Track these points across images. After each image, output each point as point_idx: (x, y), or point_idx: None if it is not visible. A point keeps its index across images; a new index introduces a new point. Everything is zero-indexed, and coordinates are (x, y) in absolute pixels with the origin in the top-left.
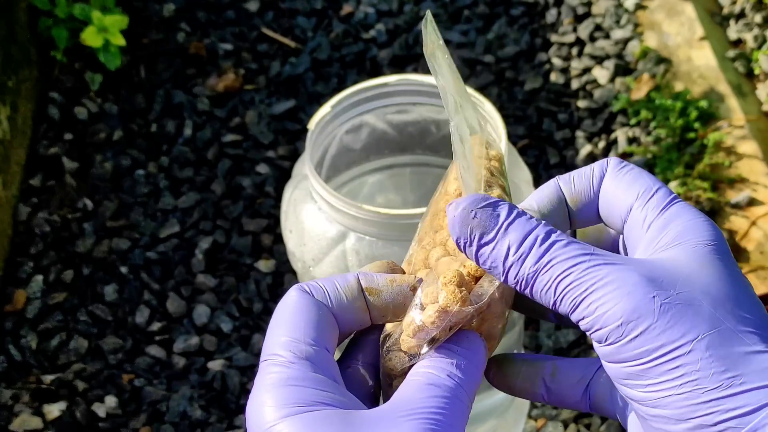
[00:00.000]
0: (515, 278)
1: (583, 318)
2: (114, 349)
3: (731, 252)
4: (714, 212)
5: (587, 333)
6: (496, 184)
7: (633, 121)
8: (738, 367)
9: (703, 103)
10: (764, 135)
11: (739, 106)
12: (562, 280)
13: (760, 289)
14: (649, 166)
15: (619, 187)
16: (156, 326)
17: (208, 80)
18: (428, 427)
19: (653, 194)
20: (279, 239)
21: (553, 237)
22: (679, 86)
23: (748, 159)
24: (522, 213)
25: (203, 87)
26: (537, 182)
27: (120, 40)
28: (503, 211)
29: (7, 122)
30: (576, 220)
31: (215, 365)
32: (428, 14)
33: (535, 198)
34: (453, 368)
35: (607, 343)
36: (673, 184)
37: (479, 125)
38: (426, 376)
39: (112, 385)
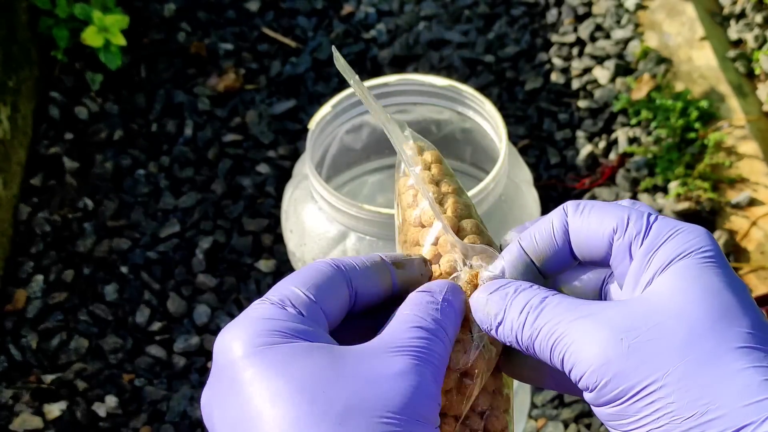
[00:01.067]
0: (524, 347)
1: (570, 371)
2: (114, 348)
3: (723, 254)
4: (714, 212)
5: (576, 383)
6: (448, 193)
7: (633, 121)
8: (713, 391)
9: (704, 104)
10: (765, 135)
11: (740, 106)
12: (549, 339)
13: (760, 289)
14: (649, 166)
15: (590, 227)
16: (156, 326)
17: (209, 80)
18: (414, 362)
19: (627, 222)
20: (279, 239)
21: (546, 301)
22: (679, 86)
23: (748, 159)
24: (525, 286)
25: (204, 87)
26: (537, 182)
27: (120, 40)
28: (510, 289)
29: (7, 122)
30: (548, 274)
31: None
32: (334, 50)
33: (505, 266)
34: (436, 313)
35: (588, 390)
36: (674, 184)
37: (403, 130)
38: (412, 318)
39: (112, 384)
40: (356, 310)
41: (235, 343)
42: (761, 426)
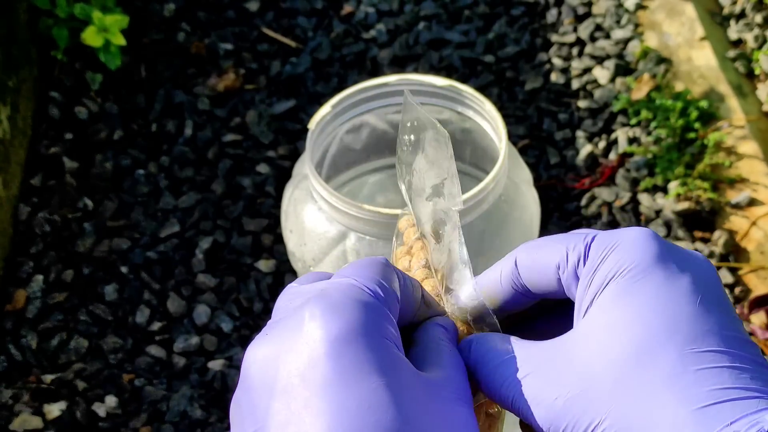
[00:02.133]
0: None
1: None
2: (114, 348)
3: (662, 254)
4: (714, 212)
5: None
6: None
7: (633, 121)
8: (646, 428)
9: (704, 103)
10: (764, 135)
11: (740, 106)
12: (508, 403)
13: (760, 289)
14: (649, 166)
15: (537, 266)
16: (156, 326)
17: (209, 80)
18: (470, 412)
19: (567, 252)
20: (279, 239)
21: (489, 359)
22: (679, 86)
23: (748, 159)
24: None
25: (204, 87)
26: (537, 182)
27: (120, 40)
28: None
29: (7, 122)
30: (509, 311)
31: (215, 365)
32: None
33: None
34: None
35: None
36: (674, 184)
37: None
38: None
39: (112, 384)
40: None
41: (328, 324)
42: None
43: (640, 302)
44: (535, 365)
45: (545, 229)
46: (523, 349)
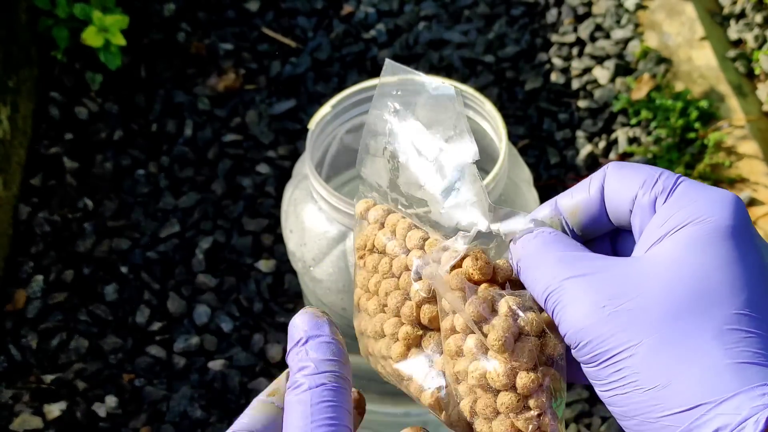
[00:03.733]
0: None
1: (558, 325)
2: (114, 348)
3: (746, 224)
4: None
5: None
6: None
7: (633, 121)
8: (678, 368)
9: (704, 103)
10: (764, 135)
11: (740, 106)
12: (545, 293)
13: None
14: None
15: (622, 182)
16: (156, 326)
17: (209, 80)
18: None
19: (657, 179)
20: (279, 239)
21: (549, 249)
22: (679, 86)
23: (748, 159)
24: (544, 232)
25: (204, 87)
26: (537, 182)
27: (120, 40)
28: (530, 236)
29: (7, 122)
30: (584, 232)
31: (215, 365)
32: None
33: (536, 220)
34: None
35: (572, 348)
36: None
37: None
38: None
39: (112, 384)
40: None
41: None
42: (717, 407)
43: (714, 253)
44: (593, 270)
45: None
46: (584, 253)
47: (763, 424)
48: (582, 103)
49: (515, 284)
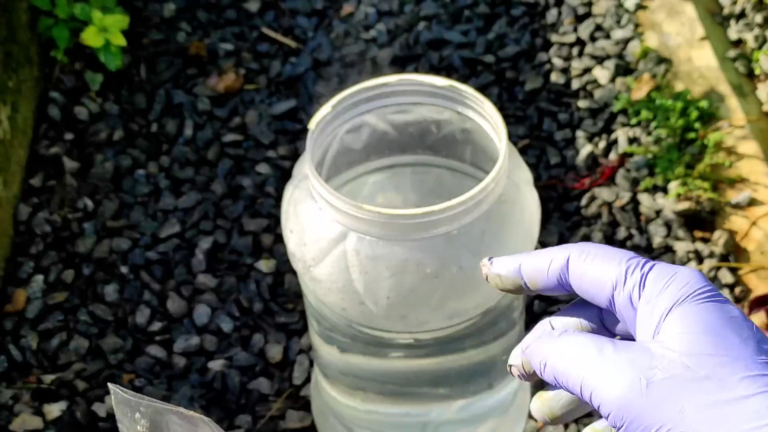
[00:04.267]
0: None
1: (598, 408)
2: (114, 349)
3: (716, 290)
4: (714, 212)
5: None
6: None
7: (633, 121)
8: (724, 420)
9: (704, 104)
10: (765, 135)
11: (740, 107)
12: (578, 379)
13: (760, 289)
14: (649, 166)
15: (591, 280)
16: (156, 326)
17: (209, 80)
18: None
19: (626, 277)
20: (279, 239)
21: (566, 339)
22: (679, 86)
23: (748, 159)
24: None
25: (204, 87)
26: (537, 182)
27: (120, 40)
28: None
29: (7, 122)
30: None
31: (216, 365)
32: None
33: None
34: None
35: (616, 428)
36: (674, 184)
37: None
38: None
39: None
40: None
41: None
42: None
43: (714, 317)
44: (620, 349)
45: (545, 229)
46: (602, 337)
47: None
48: (582, 103)
49: None
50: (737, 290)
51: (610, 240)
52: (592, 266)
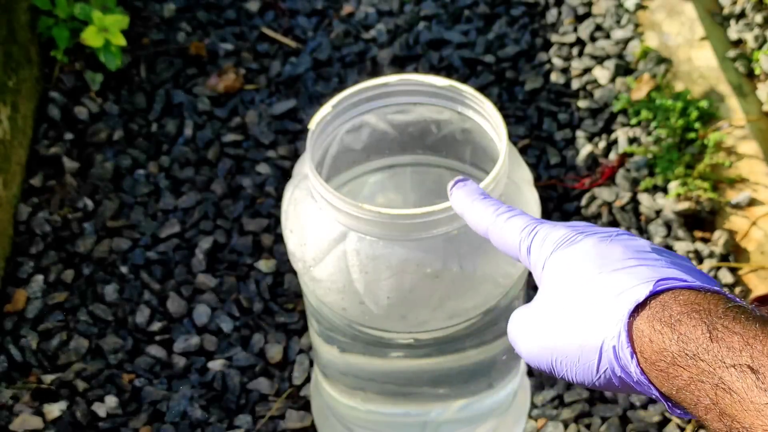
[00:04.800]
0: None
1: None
2: (114, 349)
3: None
4: (714, 212)
5: None
6: None
7: (633, 121)
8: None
9: (704, 104)
10: (765, 135)
11: (740, 106)
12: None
13: (760, 289)
14: (649, 166)
15: (504, 244)
16: (156, 326)
17: (209, 80)
18: None
19: (525, 236)
20: (279, 239)
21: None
22: (679, 86)
23: (748, 159)
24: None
25: (203, 87)
26: (537, 182)
27: (120, 40)
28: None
29: (7, 122)
30: None
31: (215, 365)
32: None
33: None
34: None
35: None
36: (674, 184)
37: None
38: None
39: (112, 385)
40: None
41: None
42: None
43: (575, 251)
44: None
45: None
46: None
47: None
48: (582, 103)
49: None
50: (737, 290)
51: None
52: (503, 235)
